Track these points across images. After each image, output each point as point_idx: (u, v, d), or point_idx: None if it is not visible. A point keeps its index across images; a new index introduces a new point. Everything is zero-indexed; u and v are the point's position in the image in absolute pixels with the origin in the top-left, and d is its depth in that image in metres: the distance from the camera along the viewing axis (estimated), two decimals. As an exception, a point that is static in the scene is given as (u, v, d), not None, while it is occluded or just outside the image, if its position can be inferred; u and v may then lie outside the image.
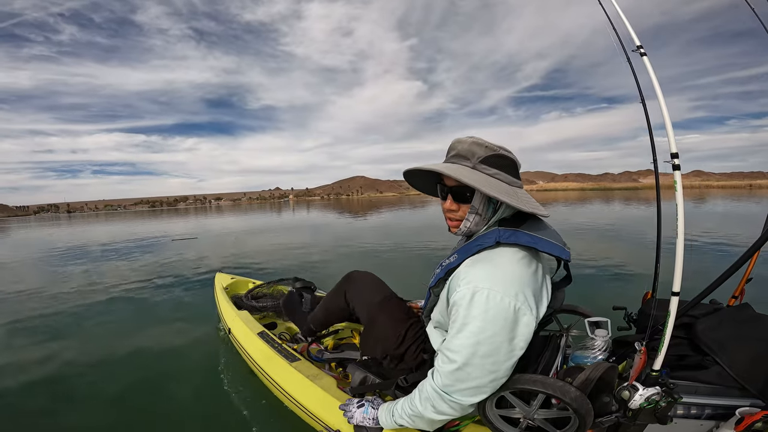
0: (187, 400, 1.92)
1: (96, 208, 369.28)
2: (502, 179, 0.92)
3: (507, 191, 0.90)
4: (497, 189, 0.88)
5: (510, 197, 0.88)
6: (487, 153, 0.91)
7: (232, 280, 2.90)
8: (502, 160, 0.93)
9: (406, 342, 1.26)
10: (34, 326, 3.19)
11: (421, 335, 1.26)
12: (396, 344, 1.27)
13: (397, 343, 1.27)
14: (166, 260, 6.49)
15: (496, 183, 0.90)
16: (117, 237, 11.97)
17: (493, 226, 0.97)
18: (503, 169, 0.93)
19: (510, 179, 0.94)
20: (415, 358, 1.24)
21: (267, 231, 11.75)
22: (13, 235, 17.96)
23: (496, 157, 0.92)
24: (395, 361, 1.27)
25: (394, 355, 1.27)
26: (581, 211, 14.54)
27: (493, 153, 0.91)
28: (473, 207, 0.94)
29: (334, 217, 18.05)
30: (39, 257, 8.13)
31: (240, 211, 35.19)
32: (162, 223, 19.80)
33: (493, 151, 0.91)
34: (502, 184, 0.91)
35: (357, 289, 1.50)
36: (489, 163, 0.92)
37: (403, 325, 1.29)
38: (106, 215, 59.67)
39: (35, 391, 2.07)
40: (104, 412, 1.84)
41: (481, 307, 0.83)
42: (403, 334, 1.27)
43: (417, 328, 1.29)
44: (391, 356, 1.28)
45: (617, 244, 6.51)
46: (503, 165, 0.93)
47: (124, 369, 2.29)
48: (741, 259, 1.01)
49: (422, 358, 1.23)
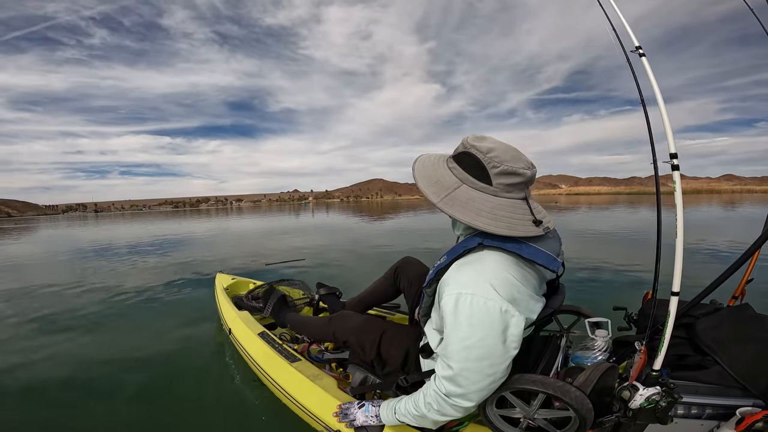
0: (187, 400, 1.92)
1: (122, 208, 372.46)
2: (457, 175, 0.91)
3: (443, 186, 0.91)
4: (431, 181, 0.92)
5: (438, 190, 0.90)
6: (460, 149, 0.93)
7: (232, 281, 2.90)
8: (465, 157, 0.91)
9: (383, 345, 1.30)
10: (39, 321, 3.20)
11: (399, 336, 1.31)
12: (375, 350, 1.31)
13: (375, 349, 1.31)
14: (190, 259, 6.50)
15: (464, 199, 0.89)
16: (141, 236, 12.02)
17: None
18: (465, 167, 0.91)
19: (465, 176, 0.91)
20: (397, 357, 1.27)
21: (315, 233, 11.07)
22: (39, 233, 17.84)
23: (462, 153, 0.92)
24: (381, 364, 1.31)
25: (376, 357, 1.32)
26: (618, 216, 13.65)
27: (462, 149, 0.92)
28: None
29: (361, 219, 17.35)
30: (61, 255, 8.19)
31: (263, 212, 34.60)
32: (196, 222, 19.52)
33: (464, 147, 0.91)
34: (445, 179, 0.92)
35: (343, 324, 1.54)
36: (456, 159, 0.93)
37: (377, 333, 1.34)
38: (132, 215, 59.91)
39: (35, 389, 2.08)
40: (104, 412, 1.84)
41: (465, 313, 0.83)
42: (378, 340, 1.32)
43: (392, 331, 1.34)
44: (375, 360, 1.32)
45: (618, 245, 6.50)
46: (464, 162, 0.91)
47: (124, 368, 2.29)
48: (741, 259, 1.01)
49: (404, 355, 1.25)
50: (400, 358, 1.25)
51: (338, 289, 2.26)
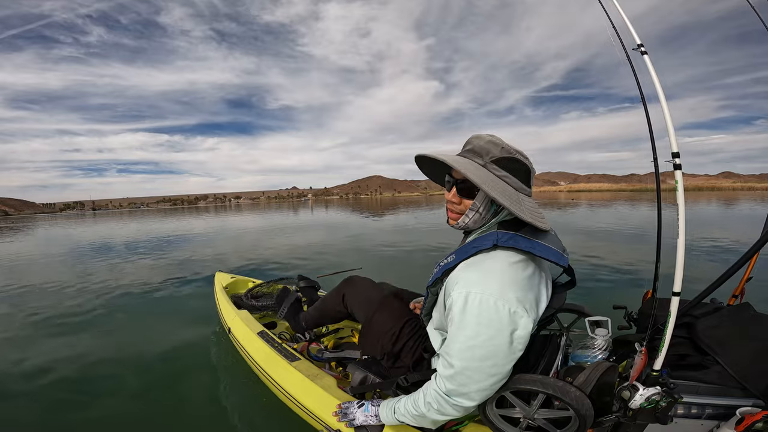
0: (187, 399, 1.92)
1: (120, 206, 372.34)
2: (510, 183, 0.91)
3: (511, 196, 0.89)
4: (501, 192, 0.87)
5: (512, 202, 0.87)
6: (502, 154, 0.90)
7: (231, 280, 2.90)
8: (514, 164, 0.91)
9: (401, 339, 1.26)
10: (37, 320, 3.20)
11: (418, 333, 1.26)
12: (392, 342, 1.27)
13: (392, 341, 1.27)
14: (187, 258, 6.46)
15: (503, 186, 0.89)
16: (138, 234, 11.96)
17: (492, 227, 0.96)
18: (514, 173, 0.91)
19: (519, 185, 0.92)
20: (412, 355, 1.24)
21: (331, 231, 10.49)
22: (36, 231, 17.66)
23: (509, 160, 0.90)
24: (392, 358, 1.27)
25: (391, 352, 1.27)
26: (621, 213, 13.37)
27: (507, 155, 0.90)
28: (475, 204, 0.94)
29: (364, 216, 16.93)
30: (56, 254, 8.15)
31: (263, 210, 34.14)
32: (203, 219, 19.26)
33: (508, 154, 0.90)
34: (507, 188, 0.90)
35: (356, 292, 1.51)
36: (500, 165, 0.90)
37: (399, 323, 1.29)
38: (130, 213, 59.68)
39: (35, 386, 2.07)
40: (103, 412, 1.84)
41: (474, 312, 0.83)
42: (398, 332, 1.27)
43: (413, 325, 1.29)
44: (388, 354, 1.28)
45: (618, 244, 6.50)
46: (515, 169, 0.91)
47: (122, 368, 2.29)
48: (741, 259, 1.01)
49: (420, 355, 1.22)
50: (413, 360, 1.23)
51: (317, 282, 2.32)
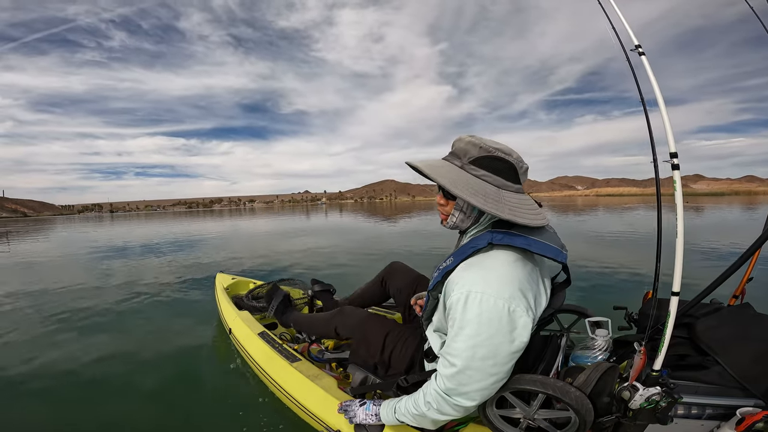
0: (186, 400, 1.92)
1: (137, 208, 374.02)
2: (489, 181, 0.89)
3: (488, 194, 0.87)
4: (475, 191, 0.86)
5: (487, 201, 0.86)
6: (480, 153, 0.90)
7: (232, 281, 2.90)
8: (495, 162, 0.90)
9: (387, 347, 1.30)
10: (46, 318, 3.20)
11: (403, 339, 1.30)
12: (379, 350, 1.32)
13: (380, 350, 1.32)
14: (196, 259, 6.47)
15: (480, 185, 0.88)
16: (156, 236, 12.02)
17: (487, 226, 0.97)
18: (497, 171, 0.90)
19: (501, 182, 0.90)
20: (402, 361, 1.26)
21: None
22: (55, 233, 17.52)
23: (489, 158, 0.90)
24: (384, 367, 1.31)
25: (381, 361, 1.32)
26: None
27: (486, 154, 0.89)
28: (458, 204, 0.96)
29: (389, 223, 15.63)
30: (72, 255, 8.20)
31: (279, 213, 33.73)
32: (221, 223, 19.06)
33: (487, 152, 0.89)
34: (486, 187, 0.88)
35: (345, 320, 1.55)
36: (479, 164, 0.90)
37: (381, 334, 1.34)
38: (147, 215, 60.24)
39: (41, 385, 2.08)
40: (103, 412, 1.84)
41: (474, 311, 0.83)
42: (383, 342, 1.32)
43: (396, 332, 1.33)
44: (379, 363, 1.32)
45: (618, 245, 6.49)
46: (496, 168, 0.90)
47: (123, 368, 2.29)
48: (741, 259, 1.01)
49: (410, 359, 1.25)
50: (405, 364, 1.25)
51: (332, 285, 2.29)
